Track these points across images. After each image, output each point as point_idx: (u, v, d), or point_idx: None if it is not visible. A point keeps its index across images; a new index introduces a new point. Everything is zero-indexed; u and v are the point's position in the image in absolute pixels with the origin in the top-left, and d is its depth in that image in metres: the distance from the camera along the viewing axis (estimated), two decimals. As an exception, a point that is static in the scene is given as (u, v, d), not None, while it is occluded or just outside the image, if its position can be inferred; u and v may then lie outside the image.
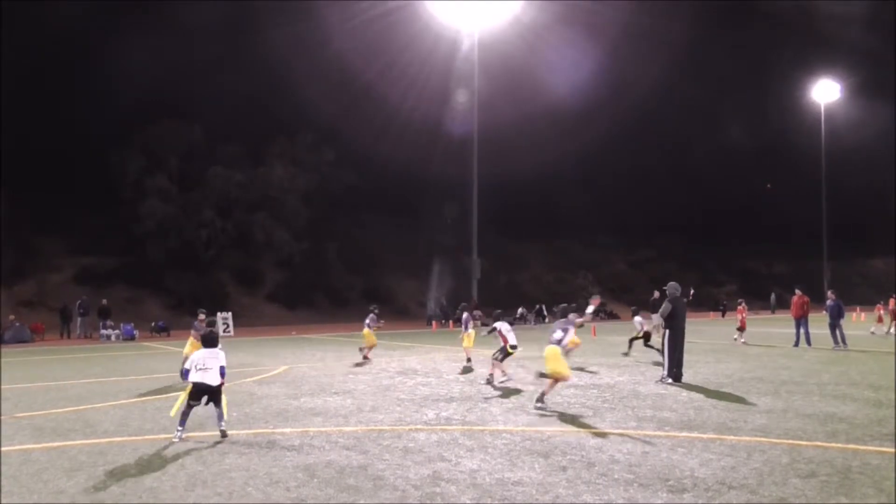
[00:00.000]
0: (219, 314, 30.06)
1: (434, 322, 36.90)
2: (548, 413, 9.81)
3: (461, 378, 13.91)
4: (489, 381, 12.79)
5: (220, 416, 8.38)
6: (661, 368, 13.32)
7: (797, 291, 21.17)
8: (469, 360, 16.03)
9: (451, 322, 35.58)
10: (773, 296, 48.70)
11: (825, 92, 54.42)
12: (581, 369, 14.87)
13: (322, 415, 9.82)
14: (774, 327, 30.06)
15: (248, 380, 13.98)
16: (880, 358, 17.10)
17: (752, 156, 61.24)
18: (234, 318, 31.91)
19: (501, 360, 12.93)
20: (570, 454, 7.40)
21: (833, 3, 54.60)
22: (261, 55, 41.57)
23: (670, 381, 12.72)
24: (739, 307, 23.38)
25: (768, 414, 9.63)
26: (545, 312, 39.60)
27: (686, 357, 13.50)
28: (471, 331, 16.19)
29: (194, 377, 8.34)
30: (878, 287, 48.70)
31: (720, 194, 58.89)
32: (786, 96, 58.52)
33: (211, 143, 40.98)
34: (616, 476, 6.57)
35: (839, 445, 7.75)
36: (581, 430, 8.70)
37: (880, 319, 27.72)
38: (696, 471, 6.72)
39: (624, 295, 49.16)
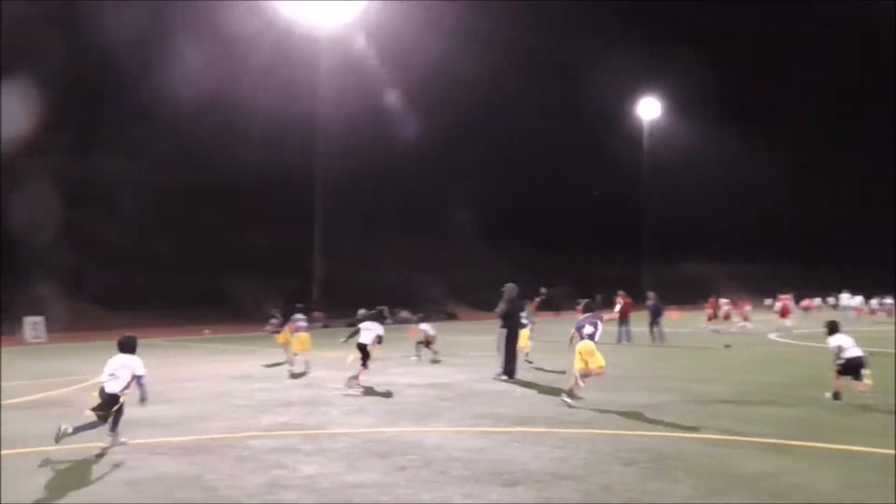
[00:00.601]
0: (26, 319, 27.43)
1: (273, 325, 35.85)
2: (576, 405, 9.96)
3: (301, 382, 13.60)
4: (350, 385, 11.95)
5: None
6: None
7: (620, 292, 22.75)
8: (292, 363, 15.70)
9: (289, 325, 34.76)
10: (597, 297, 51.93)
11: (648, 108, 58.96)
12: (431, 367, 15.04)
13: (150, 425, 9.18)
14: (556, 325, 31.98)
15: (65, 389, 12.83)
16: (693, 353, 18.69)
17: (584, 166, 65.00)
18: (48, 322, 29.22)
19: (364, 363, 12.11)
20: (409, 454, 7.44)
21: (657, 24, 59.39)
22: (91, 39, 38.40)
23: (505, 377, 13.19)
24: (577, 307, 24.68)
25: (596, 407, 10.22)
26: (386, 314, 39.76)
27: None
28: (301, 333, 15.83)
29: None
30: (690, 289, 53.52)
31: (557, 200, 61.98)
32: (613, 112, 62.75)
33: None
34: (454, 473, 6.67)
35: (656, 434, 8.37)
36: (420, 429, 8.78)
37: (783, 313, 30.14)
38: (528, 464, 6.98)
39: (465, 296, 50.36)
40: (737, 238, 71.10)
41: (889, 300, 40.94)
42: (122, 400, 7.86)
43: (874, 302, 41.82)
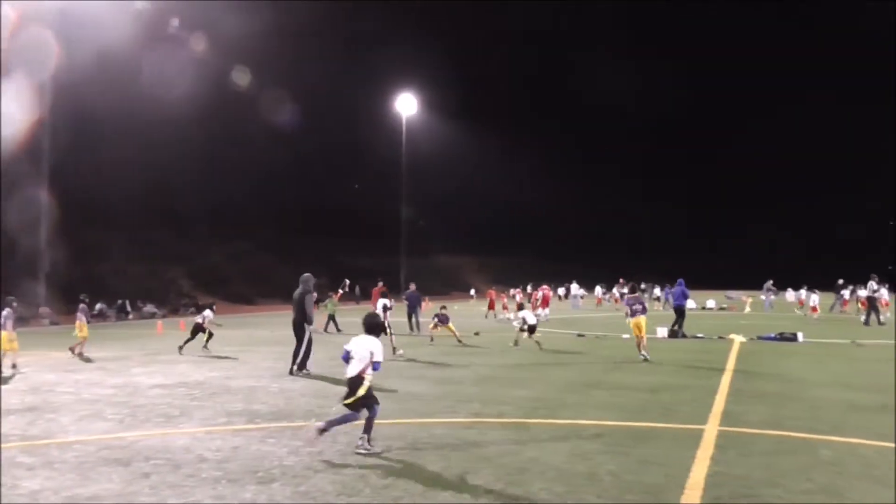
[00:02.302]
0: None
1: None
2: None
3: (20, 387, 12.02)
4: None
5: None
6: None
7: (379, 283, 23.23)
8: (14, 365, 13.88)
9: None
10: (356, 287, 52.64)
11: (406, 105, 60.67)
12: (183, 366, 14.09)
13: None
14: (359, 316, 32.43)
15: None
16: (445, 342, 19.58)
17: (348, 159, 65.29)
18: None
19: None
20: (154, 459, 6.90)
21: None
22: None
23: (305, 371, 12.83)
24: (375, 293, 24.73)
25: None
26: (129, 308, 36.79)
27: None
28: (10, 331, 13.99)
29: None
30: (444, 279, 56.33)
31: (318, 192, 61.54)
32: (375, 106, 63.76)
33: None
34: (204, 475, 6.32)
35: (413, 421, 8.65)
36: (167, 431, 8.21)
37: (505, 307, 32.89)
38: (285, 459, 6.84)
39: (221, 288, 48.14)
40: (487, 231, 76.18)
41: (617, 290, 46.93)
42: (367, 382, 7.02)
43: (598, 290, 47.82)
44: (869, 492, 5.82)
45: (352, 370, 7.13)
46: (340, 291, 20.42)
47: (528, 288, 36.81)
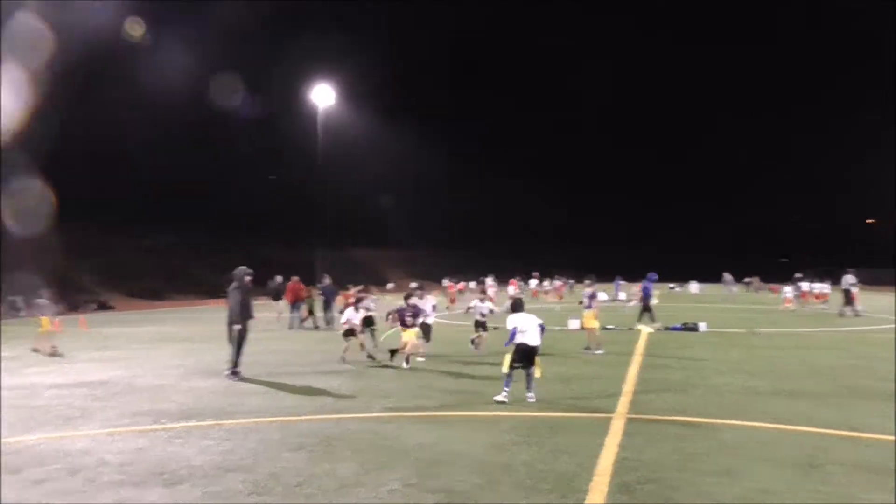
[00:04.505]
0: None
1: None
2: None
3: None
4: None
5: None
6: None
7: (293, 278, 22.79)
8: None
9: None
10: (276, 278, 51.46)
11: (322, 96, 59.63)
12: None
13: None
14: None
15: None
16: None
17: (262, 151, 63.73)
18: None
19: None
20: (48, 464, 6.52)
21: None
22: None
23: (239, 373, 11.76)
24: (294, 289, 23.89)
25: (263, 395, 10.08)
26: (21, 304, 34.74)
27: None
28: None
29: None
30: (362, 272, 55.72)
31: (231, 184, 59.88)
32: (290, 97, 62.47)
33: None
34: (105, 479, 6.02)
35: (325, 417, 8.53)
36: (65, 434, 7.78)
37: (453, 300, 33.38)
38: (192, 459, 6.60)
39: (130, 283, 46.08)
40: (404, 225, 75.99)
41: (547, 282, 47.81)
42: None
43: (533, 283, 48.52)
44: (768, 473, 6.12)
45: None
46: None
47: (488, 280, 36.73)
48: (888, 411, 8.71)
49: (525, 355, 9.41)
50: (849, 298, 26.89)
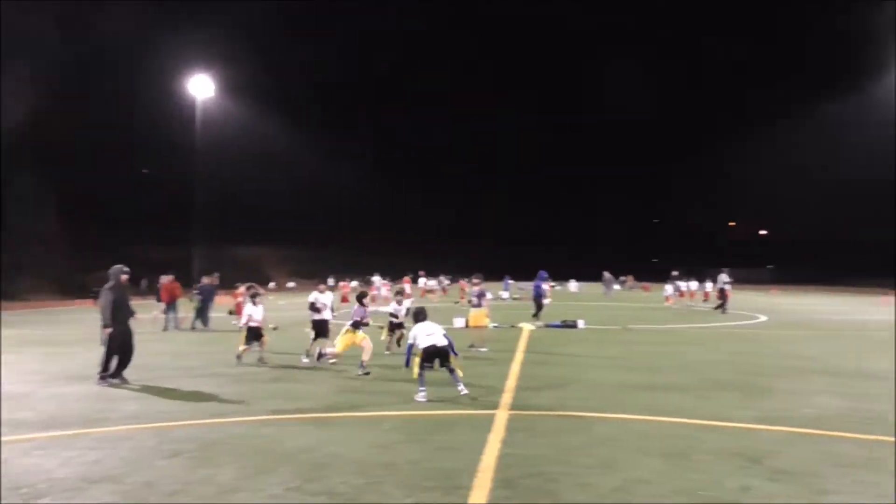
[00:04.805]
0: None
1: None
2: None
3: None
4: None
5: None
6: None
7: (168, 277, 21.78)
8: None
9: None
10: (142, 281, 48.98)
11: (200, 87, 57.30)
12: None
13: None
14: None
15: None
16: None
17: (135, 143, 60.51)
18: None
19: None
20: None
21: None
22: None
23: (119, 380, 11.02)
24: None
25: (136, 400, 9.56)
26: None
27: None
28: None
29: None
30: (245, 271, 53.92)
31: (102, 177, 56.46)
32: (166, 87, 59.68)
33: None
34: (-47, 497, 5.50)
35: (202, 422, 8.19)
36: None
37: (345, 299, 32.46)
38: (54, 472, 6.15)
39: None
40: (285, 222, 74.36)
41: (434, 281, 48.20)
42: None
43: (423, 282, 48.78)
44: (641, 463, 6.42)
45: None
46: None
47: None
48: (747, 402, 9.39)
49: (433, 355, 9.51)
50: (723, 296, 29.05)
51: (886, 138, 64.04)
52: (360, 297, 12.76)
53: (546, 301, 24.73)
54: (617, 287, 59.29)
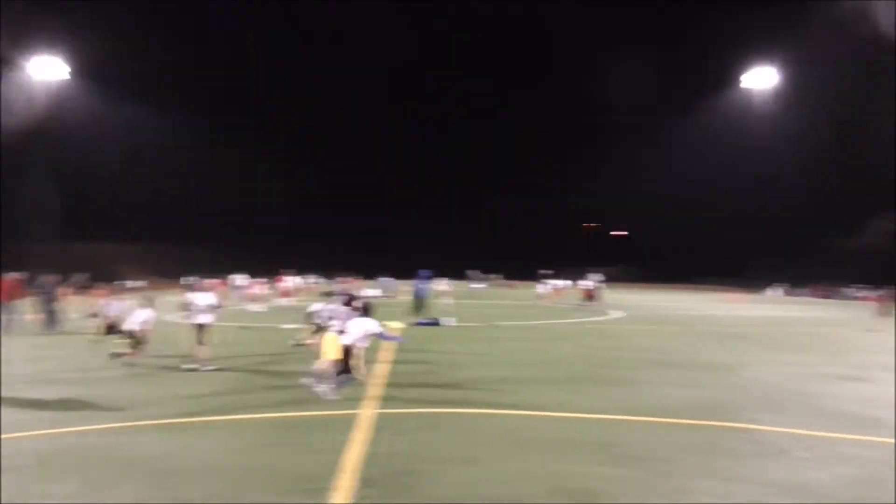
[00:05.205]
0: None
1: None
2: None
3: None
4: None
5: None
6: None
7: (8, 274, 20.03)
8: None
9: None
10: None
11: (46, 70, 53.00)
12: None
13: None
14: None
15: None
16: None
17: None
18: None
19: None
20: None
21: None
22: None
23: None
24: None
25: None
26: None
27: None
28: None
29: None
30: (89, 268, 50.11)
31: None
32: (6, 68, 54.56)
33: None
34: None
35: (45, 432, 7.58)
36: None
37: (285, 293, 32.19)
38: None
39: None
40: (143, 217, 70.15)
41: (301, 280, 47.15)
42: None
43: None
44: (503, 454, 6.60)
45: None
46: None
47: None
48: (607, 394, 9.95)
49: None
50: (592, 294, 31.39)
51: (742, 143, 70.86)
52: (349, 301, 11.76)
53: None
54: (482, 285, 60.79)
